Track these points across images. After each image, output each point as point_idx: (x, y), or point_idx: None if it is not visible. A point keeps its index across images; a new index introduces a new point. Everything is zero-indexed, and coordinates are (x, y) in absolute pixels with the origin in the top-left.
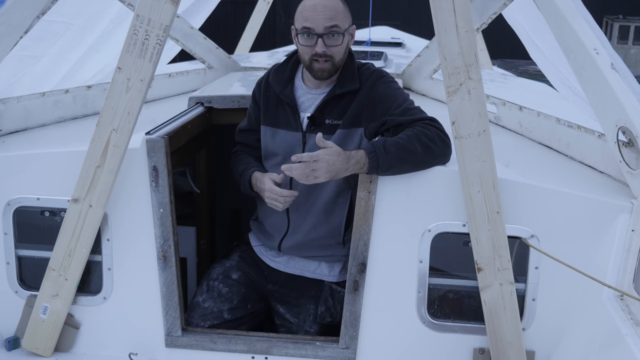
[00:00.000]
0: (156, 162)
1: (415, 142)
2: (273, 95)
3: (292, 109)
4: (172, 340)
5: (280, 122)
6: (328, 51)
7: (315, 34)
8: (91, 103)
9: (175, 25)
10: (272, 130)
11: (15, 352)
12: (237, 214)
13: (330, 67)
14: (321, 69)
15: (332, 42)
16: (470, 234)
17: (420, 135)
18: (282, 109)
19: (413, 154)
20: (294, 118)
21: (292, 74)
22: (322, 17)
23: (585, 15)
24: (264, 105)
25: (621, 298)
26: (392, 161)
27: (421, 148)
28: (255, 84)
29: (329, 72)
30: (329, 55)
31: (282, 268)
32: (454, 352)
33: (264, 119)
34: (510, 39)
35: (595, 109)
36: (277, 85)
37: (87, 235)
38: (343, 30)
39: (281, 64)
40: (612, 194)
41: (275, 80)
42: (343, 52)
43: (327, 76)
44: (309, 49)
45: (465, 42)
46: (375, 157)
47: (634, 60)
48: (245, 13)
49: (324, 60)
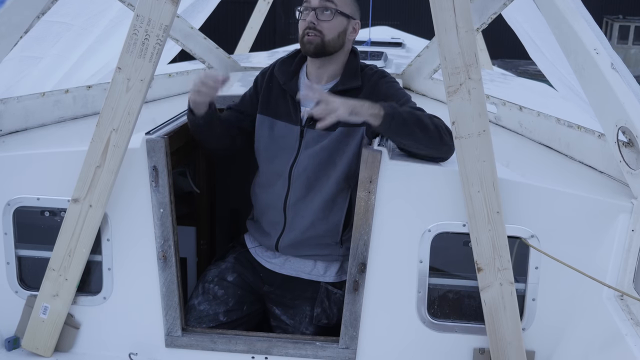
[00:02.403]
0: (156, 162)
1: (427, 119)
2: (276, 85)
3: (293, 100)
4: (172, 340)
5: (280, 114)
6: (318, 25)
7: (310, 7)
8: (91, 103)
9: (175, 25)
10: (270, 121)
11: (15, 352)
12: (237, 214)
13: (319, 41)
14: (309, 41)
15: (324, 17)
16: (470, 234)
17: (433, 118)
18: (284, 101)
19: (425, 125)
20: (294, 111)
21: (298, 68)
22: None
23: (585, 16)
24: (265, 95)
25: (621, 298)
26: (406, 120)
27: (432, 127)
28: (260, 72)
29: (316, 47)
30: (319, 30)
31: (278, 269)
32: (453, 352)
33: (263, 108)
34: (510, 39)
35: (595, 109)
36: (282, 76)
37: (87, 235)
38: (338, 9)
39: (288, 57)
40: (612, 194)
41: (281, 71)
42: (336, 34)
43: (314, 50)
44: (303, 22)
45: (465, 42)
46: (391, 108)
47: (634, 60)
48: (245, 13)
49: (314, 34)
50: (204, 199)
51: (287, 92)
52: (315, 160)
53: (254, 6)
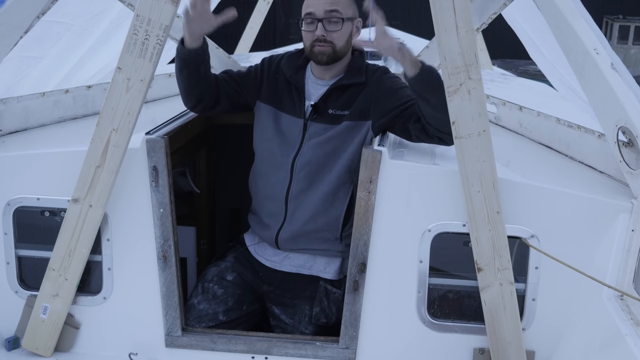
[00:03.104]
0: (156, 162)
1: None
2: (282, 78)
3: (298, 93)
4: (172, 340)
5: (284, 106)
6: (328, 36)
7: (316, 18)
8: (91, 103)
9: (175, 25)
10: (275, 112)
11: (15, 352)
12: (237, 214)
13: (331, 51)
14: (321, 51)
15: (332, 28)
16: (470, 234)
17: None
18: (289, 93)
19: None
20: (299, 103)
21: (305, 63)
22: (322, 2)
23: (584, 16)
24: (270, 84)
25: (621, 298)
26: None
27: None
28: (269, 57)
29: (328, 56)
30: (329, 41)
31: (277, 267)
32: (453, 352)
33: (267, 97)
34: (510, 39)
35: (595, 109)
36: (289, 70)
37: (87, 235)
38: (344, 17)
39: (296, 52)
40: (612, 194)
41: (287, 65)
42: (345, 40)
43: (327, 60)
44: (310, 34)
45: (465, 42)
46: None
47: (634, 60)
48: (245, 13)
49: (324, 45)
50: (204, 199)
51: (292, 85)
52: (319, 152)
53: (254, 6)
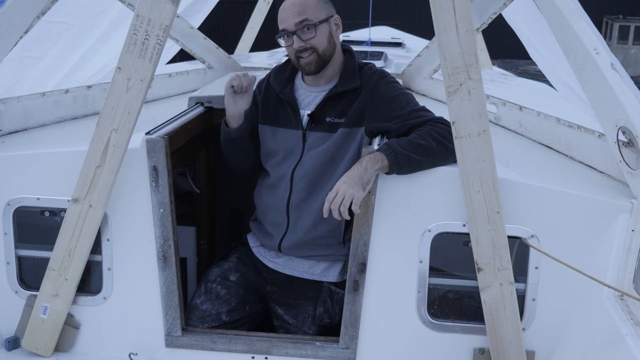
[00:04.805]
0: (156, 162)
1: (429, 138)
2: (274, 95)
3: (292, 107)
4: (172, 340)
5: (280, 121)
6: (306, 44)
7: (289, 32)
8: (91, 103)
9: (175, 25)
10: (272, 129)
11: (15, 352)
12: (237, 214)
13: (316, 58)
14: (307, 62)
15: (307, 36)
16: (470, 234)
17: (432, 132)
18: (283, 108)
19: (429, 149)
20: (294, 116)
21: (293, 74)
22: (290, 15)
23: (583, 17)
24: (263, 106)
25: (621, 298)
26: (410, 157)
27: (435, 144)
28: (257, 85)
29: (316, 64)
30: (310, 48)
31: (280, 269)
32: (453, 352)
33: (263, 118)
34: (510, 39)
35: (595, 109)
36: (277, 85)
37: (87, 235)
38: (316, 22)
39: (281, 65)
40: (612, 194)
41: (276, 80)
42: (326, 41)
43: (316, 68)
44: (290, 48)
45: (465, 42)
46: (393, 153)
47: (634, 60)
48: (245, 13)
49: (308, 54)
50: (204, 199)
51: (284, 100)
52: (317, 161)
53: (254, 6)
